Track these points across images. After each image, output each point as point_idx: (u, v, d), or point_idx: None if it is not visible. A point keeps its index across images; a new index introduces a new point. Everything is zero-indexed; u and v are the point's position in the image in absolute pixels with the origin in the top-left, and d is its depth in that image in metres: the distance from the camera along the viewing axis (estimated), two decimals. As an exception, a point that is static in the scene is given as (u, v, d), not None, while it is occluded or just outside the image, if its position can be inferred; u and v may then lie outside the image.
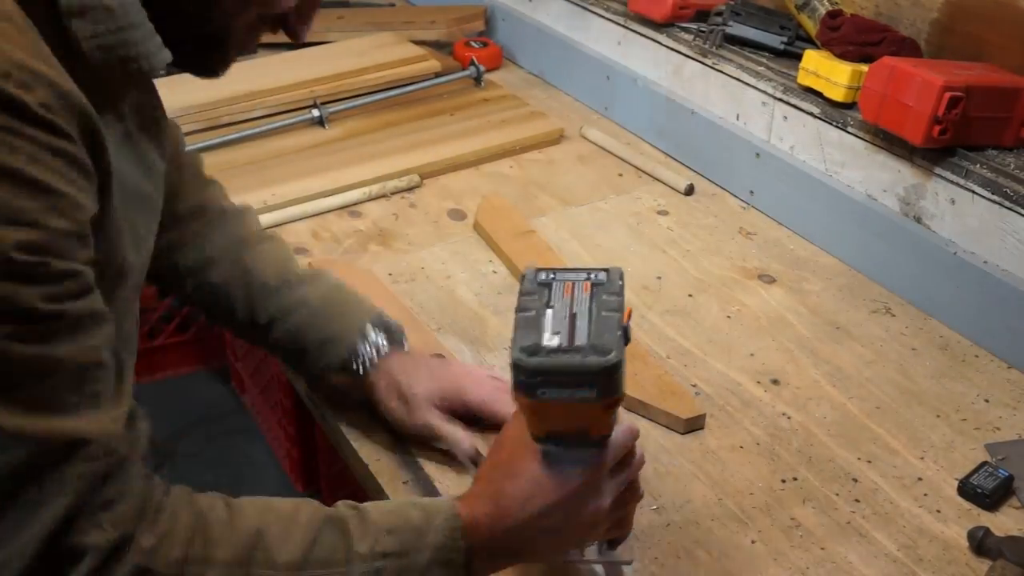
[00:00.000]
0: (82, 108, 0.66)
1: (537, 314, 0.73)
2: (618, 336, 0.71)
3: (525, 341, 0.71)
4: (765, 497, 1.00)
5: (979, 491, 0.99)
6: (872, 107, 1.25)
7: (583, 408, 0.72)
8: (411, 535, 0.75)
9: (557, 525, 0.78)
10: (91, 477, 0.65)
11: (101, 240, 0.70)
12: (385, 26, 1.98)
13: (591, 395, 0.71)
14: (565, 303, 0.74)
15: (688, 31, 1.61)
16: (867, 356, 1.20)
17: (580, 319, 0.72)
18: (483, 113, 1.74)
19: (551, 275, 0.76)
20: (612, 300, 0.74)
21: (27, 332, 0.62)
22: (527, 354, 0.70)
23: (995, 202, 1.19)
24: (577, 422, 0.75)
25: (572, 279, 0.76)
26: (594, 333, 0.71)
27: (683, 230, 1.45)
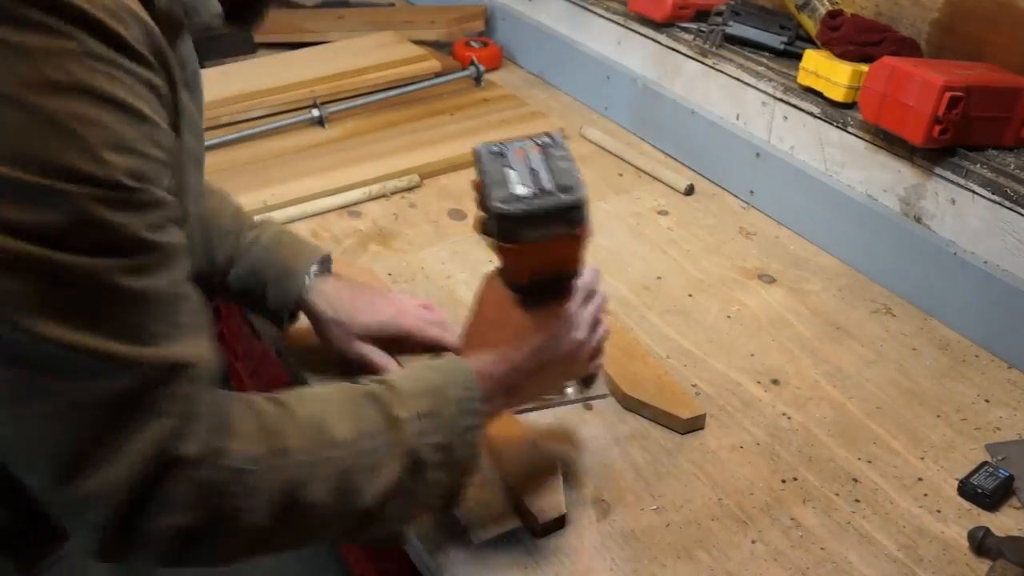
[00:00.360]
0: (162, 46, 0.69)
1: (502, 174, 0.83)
2: (578, 178, 0.81)
3: (500, 194, 0.80)
4: (765, 497, 1.00)
5: (979, 491, 0.99)
6: (872, 107, 1.25)
7: (560, 243, 0.83)
8: (437, 394, 0.83)
9: (546, 359, 0.88)
10: (195, 396, 0.70)
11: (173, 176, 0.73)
12: (385, 26, 1.98)
13: (567, 230, 0.81)
14: (522, 162, 0.84)
15: (688, 31, 1.61)
16: (867, 356, 1.20)
17: (540, 171, 0.83)
18: (483, 113, 1.74)
19: (501, 146, 0.86)
20: (562, 153, 0.85)
21: (134, 265, 0.66)
22: (506, 204, 0.80)
23: (995, 202, 1.19)
24: (555, 259, 0.85)
25: (521, 146, 0.86)
26: (556, 179, 0.81)
27: (683, 230, 1.45)
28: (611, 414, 1.10)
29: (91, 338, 0.65)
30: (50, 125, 0.62)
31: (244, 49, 1.87)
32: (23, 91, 0.61)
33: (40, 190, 0.62)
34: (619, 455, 1.04)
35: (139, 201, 0.66)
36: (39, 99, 0.62)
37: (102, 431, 0.67)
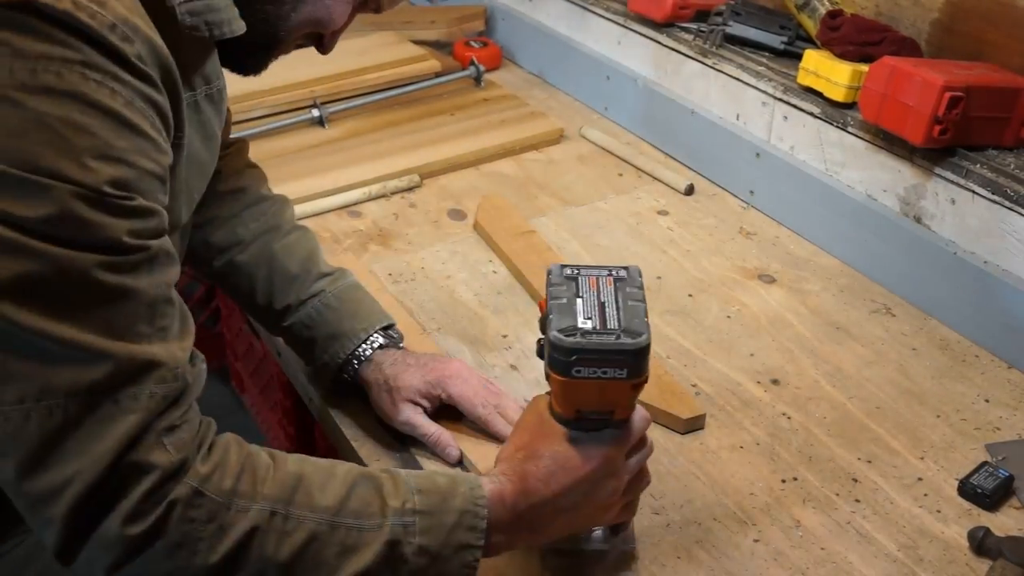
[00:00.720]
0: (169, 65, 0.73)
1: (569, 302, 0.81)
2: (646, 322, 0.79)
3: (561, 324, 0.78)
4: (765, 497, 1.00)
5: (979, 491, 0.99)
6: (872, 107, 1.25)
7: (612, 387, 0.79)
8: (438, 497, 0.79)
9: (576, 502, 0.83)
10: (161, 398, 0.70)
11: (167, 190, 0.75)
12: (385, 26, 1.98)
13: (622, 374, 0.77)
14: (593, 293, 0.82)
15: (688, 31, 1.61)
16: (867, 356, 1.20)
17: (609, 307, 0.80)
18: (483, 113, 1.74)
19: (576, 270, 0.84)
20: (636, 292, 0.82)
21: (113, 263, 0.68)
22: (564, 334, 0.77)
23: (995, 202, 1.19)
24: (605, 402, 0.81)
25: (596, 274, 0.84)
26: (624, 319, 0.79)
27: (683, 230, 1.45)
28: (611, 414, 1.10)
29: (65, 327, 0.66)
30: (40, 126, 0.65)
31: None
32: (19, 92, 0.64)
33: (26, 184, 0.64)
34: (619, 455, 1.04)
35: (121, 207, 0.68)
36: (32, 101, 0.64)
37: (71, 422, 0.68)
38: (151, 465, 0.69)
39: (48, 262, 0.65)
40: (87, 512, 0.68)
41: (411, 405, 1.02)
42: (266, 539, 0.72)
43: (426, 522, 0.77)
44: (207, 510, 0.71)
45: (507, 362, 1.17)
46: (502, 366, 1.16)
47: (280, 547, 0.73)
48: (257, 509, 0.72)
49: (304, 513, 0.74)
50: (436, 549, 0.77)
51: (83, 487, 0.68)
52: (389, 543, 0.76)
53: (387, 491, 0.78)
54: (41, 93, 0.64)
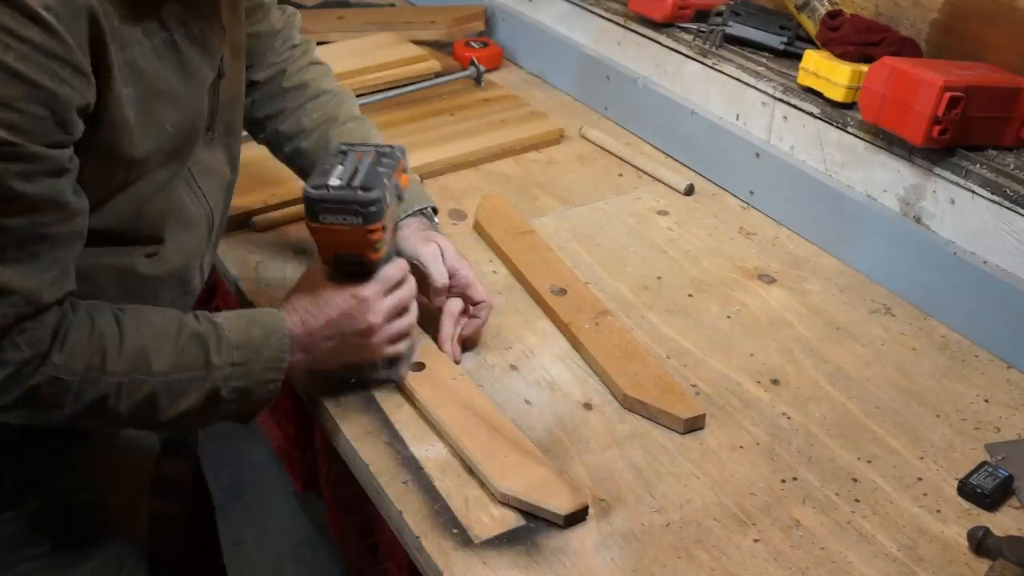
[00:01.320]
0: (91, 14, 0.80)
1: (330, 167, 1.00)
2: (384, 182, 0.98)
3: (315, 182, 0.98)
4: (765, 497, 1.00)
5: (979, 491, 0.99)
6: (872, 107, 1.25)
7: (353, 232, 0.98)
8: (252, 350, 0.97)
9: (341, 332, 1.02)
10: (13, 316, 0.83)
11: (100, 127, 0.86)
12: (385, 26, 1.98)
13: (357, 221, 0.97)
14: (353, 162, 1.01)
15: (688, 31, 1.61)
16: (867, 356, 1.20)
17: (360, 172, 0.99)
18: (483, 113, 1.74)
19: (349, 146, 1.04)
20: (389, 162, 1.02)
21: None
22: (313, 188, 0.97)
23: (995, 202, 1.19)
24: (350, 246, 1.00)
25: (363, 151, 1.03)
26: (366, 179, 0.98)
27: (683, 230, 1.45)
28: (611, 414, 1.10)
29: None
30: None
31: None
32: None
33: None
34: (619, 455, 1.04)
35: (10, 153, 0.78)
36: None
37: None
38: (5, 361, 0.84)
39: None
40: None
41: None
42: (115, 401, 0.91)
43: (241, 370, 0.96)
44: (63, 387, 0.88)
45: (507, 362, 1.17)
46: (502, 366, 1.16)
47: (124, 404, 0.91)
48: (105, 383, 0.90)
49: (144, 378, 0.92)
50: (247, 387, 0.97)
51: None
52: (211, 390, 0.95)
53: (211, 348, 0.95)
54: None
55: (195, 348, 0.94)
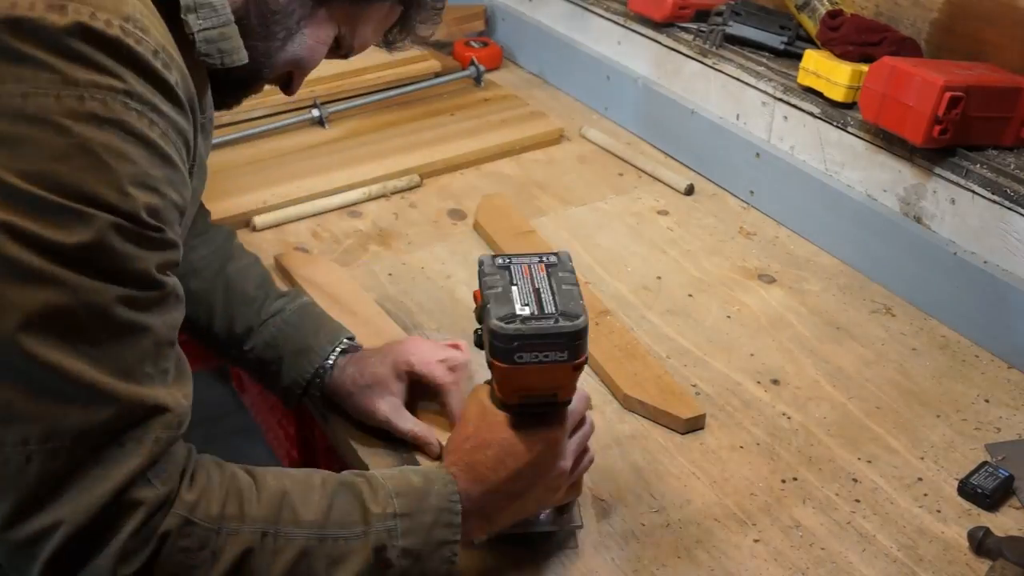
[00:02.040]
0: (192, 93, 0.75)
1: (504, 290, 0.82)
2: (582, 304, 0.81)
3: (500, 312, 0.80)
4: (765, 497, 1.00)
5: (979, 491, 0.99)
6: (872, 107, 1.25)
7: (554, 370, 0.80)
8: (416, 498, 0.81)
9: (525, 487, 0.85)
10: (164, 443, 0.71)
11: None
12: (385, 26, 1.98)
13: (563, 357, 0.80)
14: (527, 280, 0.83)
15: (688, 31, 1.61)
16: (867, 356, 1.20)
17: (544, 292, 0.82)
18: (483, 113, 1.74)
19: (508, 259, 0.86)
20: (568, 276, 0.84)
21: (132, 298, 0.68)
22: (504, 322, 0.79)
23: (995, 202, 1.19)
24: (547, 386, 0.83)
25: (527, 261, 0.85)
26: (560, 303, 0.81)
27: (683, 230, 1.45)
28: (611, 414, 1.10)
29: (80, 363, 0.66)
30: (84, 153, 0.65)
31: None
32: (64, 118, 0.65)
33: (64, 210, 0.65)
34: (619, 455, 1.04)
35: (153, 239, 0.69)
36: (78, 127, 0.65)
37: (73, 465, 0.67)
38: (138, 502, 0.69)
39: (74, 293, 0.65)
40: (73, 554, 0.68)
41: (387, 399, 1.02)
42: (259, 560, 0.73)
43: (407, 524, 0.79)
44: (198, 538, 0.71)
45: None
46: (502, 366, 1.16)
47: (272, 566, 0.74)
48: (247, 532, 0.73)
49: (292, 530, 0.75)
50: (418, 549, 0.79)
51: (72, 529, 0.67)
52: (375, 549, 0.77)
53: (367, 497, 0.79)
54: (86, 120, 0.65)
55: (346, 497, 0.79)
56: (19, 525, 0.67)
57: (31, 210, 0.64)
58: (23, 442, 0.66)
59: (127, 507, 0.69)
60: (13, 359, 0.65)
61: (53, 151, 0.65)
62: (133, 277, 0.68)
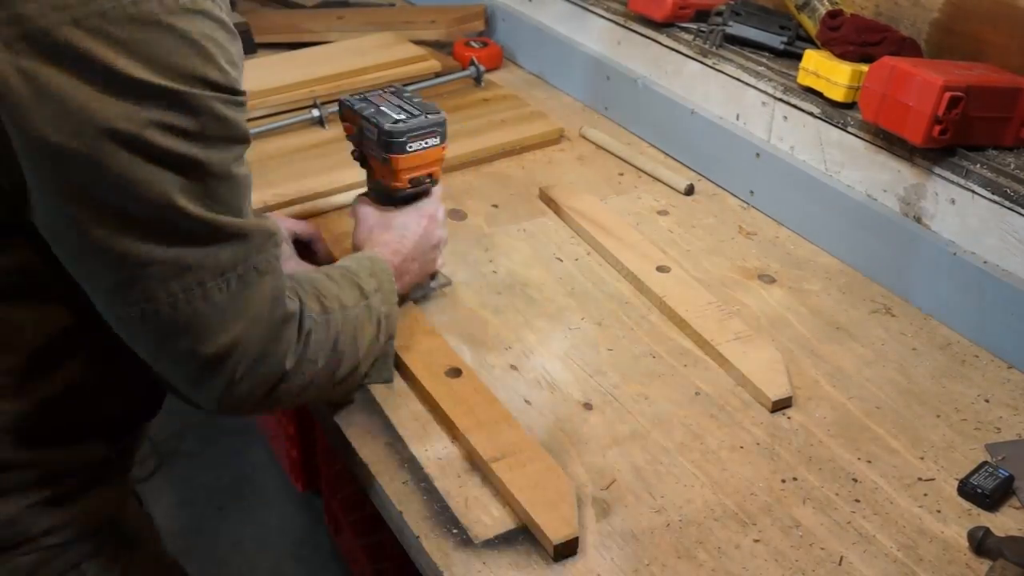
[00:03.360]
0: None
1: (377, 110, 1.12)
2: (435, 105, 1.14)
3: (388, 119, 1.10)
4: (765, 497, 1.00)
5: (979, 491, 0.99)
6: (872, 107, 1.25)
7: (434, 153, 1.13)
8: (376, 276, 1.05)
9: (422, 248, 1.16)
10: (276, 258, 0.89)
11: None
12: (385, 26, 1.98)
13: (437, 141, 1.13)
14: (386, 103, 1.14)
15: (688, 31, 1.61)
16: (867, 356, 1.20)
17: (405, 105, 1.14)
18: (483, 113, 1.74)
19: (363, 94, 1.16)
20: (411, 94, 1.17)
21: (239, 156, 0.84)
22: (394, 124, 1.10)
23: (995, 202, 1.19)
24: (428, 167, 1.14)
25: (378, 93, 1.17)
26: (419, 107, 1.13)
27: (683, 230, 1.45)
28: (611, 414, 1.10)
29: (224, 215, 0.82)
30: (188, 43, 0.77)
31: (244, 49, 1.87)
32: (165, 15, 0.76)
33: (184, 96, 0.77)
34: (619, 455, 1.04)
35: (242, 102, 0.83)
36: (177, 21, 0.76)
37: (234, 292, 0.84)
38: (289, 314, 0.90)
39: (206, 164, 0.80)
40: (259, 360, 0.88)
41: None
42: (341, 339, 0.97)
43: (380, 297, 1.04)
44: (316, 334, 0.94)
45: (507, 362, 1.17)
46: (502, 366, 1.16)
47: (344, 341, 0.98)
48: (334, 319, 0.97)
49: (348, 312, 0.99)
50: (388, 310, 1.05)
51: (256, 344, 0.87)
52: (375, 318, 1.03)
53: (360, 280, 1.03)
54: (182, 12, 0.76)
55: (349, 283, 1.02)
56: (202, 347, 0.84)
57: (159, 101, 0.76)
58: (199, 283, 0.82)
59: (284, 320, 0.89)
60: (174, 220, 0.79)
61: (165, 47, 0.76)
62: (240, 137, 0.83)
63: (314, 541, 2.13)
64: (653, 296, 1.28)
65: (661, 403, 1.11)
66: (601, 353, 1.19)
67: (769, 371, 1.14)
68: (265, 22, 2.00)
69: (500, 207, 1.49)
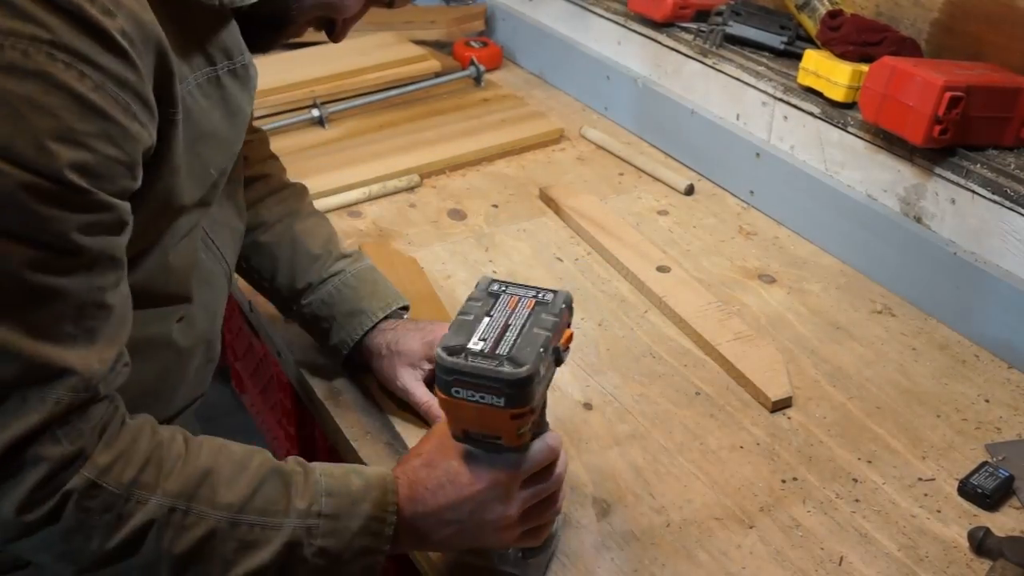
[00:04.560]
0: (159, 42, 0.70)
1: (474, 319, 0.78)
2: (539, 352, 0.75)
3: (451, 341, 0.76)
4: (765, 497, 1.00)
5: (979, 491, 0.99)
6: (872, 107, 1.25)
7: (491, 414, 0.76)
8: (347, 501, 0.79)
9: (461, 519, 0.82)
10: (66, 405, 0.69)
11: (158, 173, 0.75)
12: (385, 26, 1.98)
13: (498, 402, 0.75)
14: (504, 314, 0.79)
15: (688, 31, 1.61)
16: (867, 356, 1.20)
17: (511, 331, 0.77)
18: (483, 113, 1.74)
19: (502, 287, 0.82)
20: (547, 320, 0.78)
21: (49, 261, 0.66)
22: (447, 353, 0.75)
23: (995, 202, 1.19)
24: (487, 427, 0.78)
25: (520, 294, 0.81)
26: (517, 346, 0.76)
27: (683, 230, 1.45)
28: (611, 414, 1.10)
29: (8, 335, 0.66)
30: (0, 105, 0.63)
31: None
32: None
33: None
34: (619, 455, 1.04)
35: (77, 201, 0.66)
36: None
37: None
38: (40, 457, 0.69)
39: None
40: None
41: (409, 370, 1.04)
42: (163, 532, 0.73)
43: (330, 525, 0.78)
44: (103, 501, 0.71)
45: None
46: (502, 366, 1.16)
47: (176, 541, 0.73)
48: (156, 503, 0.73)
49: (205, 510, 0.74)
50: (338, 551, 0.78)
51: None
52: (289, 543, 0.76)
53: (295, 490, 0.78)
54: (5, 72, 0.62)
55: (275, 485, 0.78)
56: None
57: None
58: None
59: (30, 461, 0.69)
60: None
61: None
62: (47, 239, 0.66)
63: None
64: (653, 296, 1.28)
65: (661, 403, 1.11)
66: (601, 353, 1.19)
67: (769, 371, 1.14)
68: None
69: (500, 207, 1.49)
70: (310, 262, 1.09)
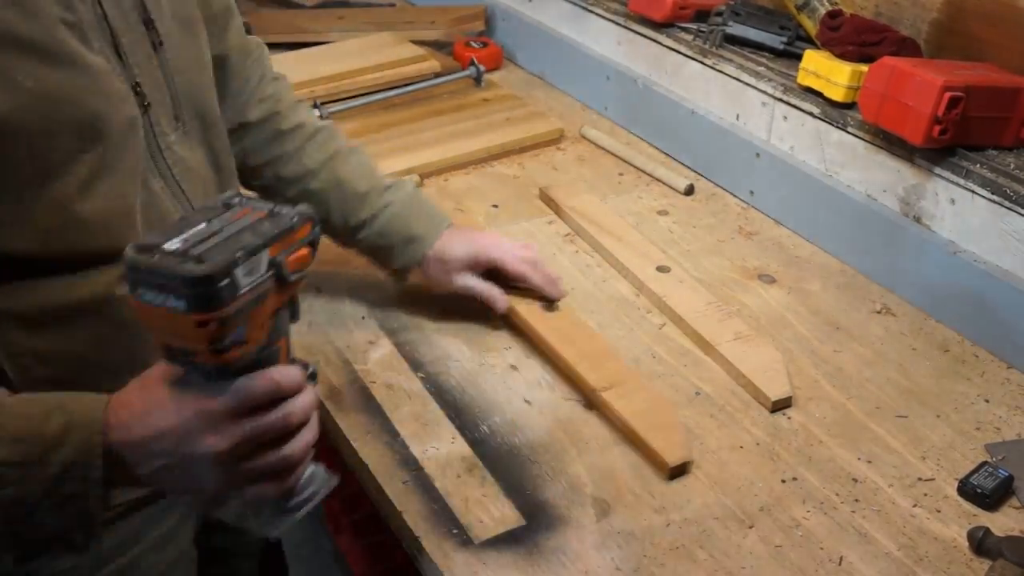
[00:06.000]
0: None
1: (186, 223, 0.69)
2: (236, 255, 0.66)
3: (148, 240, 0.67)
4: (765, 497, 1.00)
5: (979, 491, 0.99)
6: (872, 107, 1.25)
7: (176, 320, 0.66)
8: (42, 447, 0.72)
9: (168, 450, 0.73)
10: None
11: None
12: (385, 26, 1.98)
13: (179, 305, 0.65)
14: (224, 222, 0.70)
15: (688, 31, 1.61)
16: (867, 356, 1.20)
17: (219, 235, 0.68)
18: (483, 113, 1.74)
19: (243, 200, 0.73)
20: (265, 229, 0.70)
21: None
22: (136, 251, 0.66)
23: (995, 202, 1.19)
24: (178, 337, 0.69)
25: (255, 206, 0.72)
26: (215, 248, 0.67)
27: (683, 230, 1.45)
28: (611, 414, 1.10)
29: None
30: None
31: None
32: None
33: None
34: (619, 455, 1.04)
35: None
36: None
37: None
38: None
39: None
40: None
41: (461, 274, 1.19)
42: None
43: (18, 473, 0.71)
44: None
45: (507, 362, 1.17)
46: (502, 366, 1.16)
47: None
48: None
49: None
50: (35, 499, 0.72)
51: None
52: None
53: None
54: None
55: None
56: None
57: None
58: None
59: None
60: None
61: None
62: None
63: (314, 541, 2.13)
64: (653, 296, 1.28)
65: (661, 403, 1.11)
66: (601, 353, 1.19)
67: (769, 371, 1.14)
68: (265, 22, 2.00)
69: (500, 207, 1.49)
70: (359, 201, 1.19)
